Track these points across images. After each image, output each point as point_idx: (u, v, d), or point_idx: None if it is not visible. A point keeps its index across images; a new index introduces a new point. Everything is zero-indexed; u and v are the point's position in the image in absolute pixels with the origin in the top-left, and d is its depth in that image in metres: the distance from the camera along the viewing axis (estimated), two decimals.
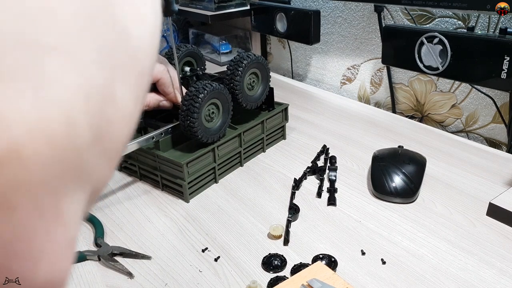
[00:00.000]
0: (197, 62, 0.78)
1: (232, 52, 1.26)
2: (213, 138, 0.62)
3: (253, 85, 0.68)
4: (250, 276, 0.47)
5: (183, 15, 1.28)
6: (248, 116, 0.71)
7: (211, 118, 0.61)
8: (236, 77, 0.64)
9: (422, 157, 0.65)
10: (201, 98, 0.57)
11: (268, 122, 0.73)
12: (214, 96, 0.60)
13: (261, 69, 0.69)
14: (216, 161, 0.64)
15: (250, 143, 0.70)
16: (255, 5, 1.09)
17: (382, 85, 0.99)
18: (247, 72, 0.66)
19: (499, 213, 0.53)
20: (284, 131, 0.78)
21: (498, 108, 0.78)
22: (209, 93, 0.58)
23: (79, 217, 0.14)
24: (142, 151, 0.63)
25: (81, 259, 0.50)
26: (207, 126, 0.61)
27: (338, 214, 0.56)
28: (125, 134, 0.16)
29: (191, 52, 0.75)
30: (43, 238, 0.13)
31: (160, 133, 0.61)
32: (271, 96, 0.73)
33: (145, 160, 0.64)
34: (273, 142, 0.76)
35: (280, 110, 0.75)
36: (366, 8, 0.95)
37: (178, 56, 0.73)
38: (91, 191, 0.15)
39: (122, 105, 0.15)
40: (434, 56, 0.69)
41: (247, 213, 0.57)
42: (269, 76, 0.70)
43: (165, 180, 0.63)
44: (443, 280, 0.45)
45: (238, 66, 0.64)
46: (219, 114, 0.63)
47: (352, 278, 0.46)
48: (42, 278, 0.14)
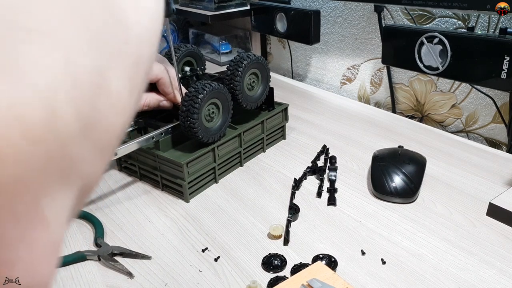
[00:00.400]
0: (197, 62, 0.78)
1: (232, 52, 1.26)
2: (214, 138, 0.62)
3: (253, 85, 0.68)
4: (250, 276, 0.47)
5: (183, 15, 1.28)
6: (248, 116, 0.71)
7: (211, 118, 0.61)
8: (236, 77, 0.64)
9: (422, 157, 0.65)
10: (200, 98, 0.57)
11: (268, 122, 0.73)
12: (214, 96, 0.60)
13: (261, 69, 0.69)
14: (216, 161, 0.64)
15: (250, 143, 0.70)
16: (255, 5, 1.09)
17: (382, 85, 0.99)
18: (247, 72, 0.66)
19: (499, 213, 0.53)
20: (284, 131, 0.78)
21: (498, 108, 0.78)
22: (209, 93, 0.58)
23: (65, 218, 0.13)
24: (142, 151, 0.63)
25: (81, 259, 0.50)
26: (207, 126, 0.61)
27: (338, 214, 0.56)
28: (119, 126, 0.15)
29: (191, 52, 0.75)
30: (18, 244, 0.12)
31: (160, 133, 0.61)
32: (271, 96, 0.73)
33: (145, 160, 0.64)
34: (273, 142, 0.76)
35: (280, 110, 0.75)
36: (366, 8, 0.95)
37: (178, 56, 0.73)
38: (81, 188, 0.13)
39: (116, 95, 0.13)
40: (434, 56, 0.69)
41: (247, 213, 0.57)
42: (269, 76, 0.70)
43: (165, 180, 0.63)
44: (443, 280, 0.45)
45: (238, 67, 0.64)
46: (219, 114, 0.63)
47: (352, 278, 0.46)
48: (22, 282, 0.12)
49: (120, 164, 0.69)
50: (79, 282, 0.47)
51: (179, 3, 1.26)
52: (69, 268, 0.49)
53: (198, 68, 0.75)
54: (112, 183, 0.66)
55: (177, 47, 0.74)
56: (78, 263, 0.49)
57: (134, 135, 0.66)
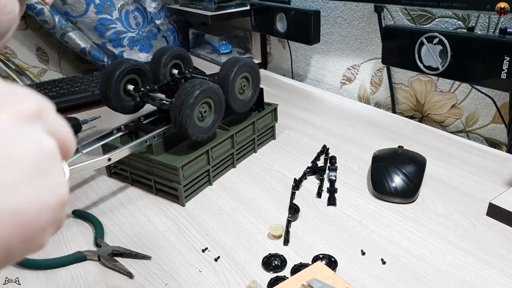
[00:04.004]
0: (184, 64, 0.77)
1: (232, 52, 1.26)
2: (203, 136, 0.61)
3: (244, 89, 0.68)
4: (250, 276, 0.47)
5: (183, 15, 1.28)
6: (238, 117, 0.71)
7: (202, 117, 0.61)
8: (228, 81, 0.64)
9: (422, 157, 0.65)
10: (194, 98, 0.57)
11: (259, 123, 0.73)
12: (208, 95, 0.60)
13: (252, 74, 0.69)
14: (210, 163, 0.63)
15: (242, 144, 0.70)
16: (255, 5, 1.09)
17: (382, 85, 0.99)
18: (238, 77, 0.66)
19: (499, 213, 0.53)
20: (273, 131, 0.78)
21: (498, 108, 0.78)
22: (204, 91, 0.58)
23: None
24: (134, 156, 0.61)
25: (81, 259, 0.50)
26: (199, 125, 0.60)
27: (338, 214, 0.56)
28: None
29: (178, 54, 0.75)
30: None
31: (153, 136, 0.61)
32: (261, 96, 0.73)
33: (138, 164, 0.62)
34: (264, 143, 0.76)
35: (269, 111, 0.75)
36: (366, 8, 0.95)
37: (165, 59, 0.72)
38: None
39: None
40: (434, 56, 0.69)
41: (247, 213, 0.57)
42: (260, 80, 0.71)
43: (159, 185, 0.61)
44: (443, 280, 0.45)
45: (229, 71, 0.64)
46: (211, 113, 0.62)
47: (352, 278, 0.46)
48: None
49: (109, 170, 0.68)
50: (79, 282, 0.47)
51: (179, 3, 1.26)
52: (69, 268, 0.49)
53: (186, 71, 0.74)
54: (112, 185, 0.66)
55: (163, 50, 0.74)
56: (78, 263, 0.49)
57: (124, 140, 0.65)
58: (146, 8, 1.24)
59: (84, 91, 0.97)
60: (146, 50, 1.26)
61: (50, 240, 0.53)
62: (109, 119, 0.89)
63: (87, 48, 1.17)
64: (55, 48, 1.26)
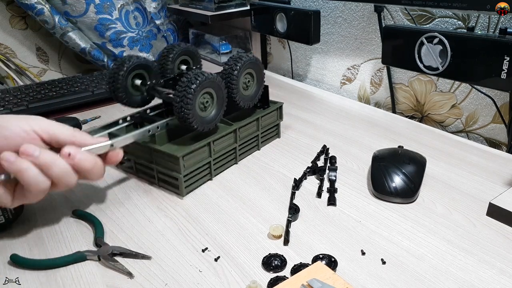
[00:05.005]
0: (193, 60, 0.78)
1: (232, 52, 1.26)
2: (208, 127, 0.62)
3: (249, 85, 0.69)
4: (250, 276, 0.47)
5: (183, 15, 1.28)
6: (243, 113, 0.72)
7: (205, 107, 0.62)
8: (233, 76, 0.65)
9: (422, 157, 0.65)
10: (193, 89, 0.58)
11: (263, 120, 0.74)
12: (208, 86, 0.61)
13: (257, 70, 0.70)
14: (212, 155, 0.64)
15: (245, 140, 0.71)
16: (255, 5, 1.09)
17: (382, 85, 0.99)
18: (243, 72, 0.67)
19: (499, 213, 0.53)
20: (278, 130, 0.78)
21: (498, 108, 0.78)
22: (202, 83, 0.59)
23: None
24: (138, 145, 0.63)
25: (81, 259, 0.50)
26: (202, 116, 0.61)
27: (338, 214, 0.56)
28: None
29: (186, 50, 0.76)
30: None
31: (156, 126, 0.62)
32: (266, 94, 0.74)
33: (142, 154, 0.64)
34: (268, 140, 0.77)
35: (275, 109, 0.75)
36: (366, 8, 0.95)
37: (173, 55, 0.73)
38: None
39: None
40: (434, 56, 0.69)
41: (247, 213, 0.57)
42: (264, 76, 0.72)
43: (161, 174, 0.63)
44: (443, 280, 0.45)
45: (235, 66, 0.65)
46: (213, 103, 0.63)
47: (352, 278, 0.46)
48: None
49: None
50: (79, 282, 0.47)
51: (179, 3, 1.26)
52: (69, 268, 0.49)
53: (194, 67, 0.75)
54: (112, 184, 0.66)
55: (171, 47, 0.74)
56: (78, 263, 0.49)
57: (130, 130, 0.66)
58: (146, 8, 1.24)
59: (84, 91, 0.97)
60: (146, 50, 1.26)
61: (50, 240, 0.53)
62: (109, 119, 0.88)
63: (87, 48, 1.17)
64: (55, 48, 1.26)
